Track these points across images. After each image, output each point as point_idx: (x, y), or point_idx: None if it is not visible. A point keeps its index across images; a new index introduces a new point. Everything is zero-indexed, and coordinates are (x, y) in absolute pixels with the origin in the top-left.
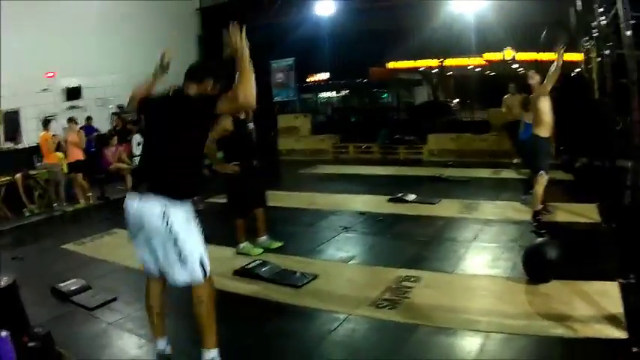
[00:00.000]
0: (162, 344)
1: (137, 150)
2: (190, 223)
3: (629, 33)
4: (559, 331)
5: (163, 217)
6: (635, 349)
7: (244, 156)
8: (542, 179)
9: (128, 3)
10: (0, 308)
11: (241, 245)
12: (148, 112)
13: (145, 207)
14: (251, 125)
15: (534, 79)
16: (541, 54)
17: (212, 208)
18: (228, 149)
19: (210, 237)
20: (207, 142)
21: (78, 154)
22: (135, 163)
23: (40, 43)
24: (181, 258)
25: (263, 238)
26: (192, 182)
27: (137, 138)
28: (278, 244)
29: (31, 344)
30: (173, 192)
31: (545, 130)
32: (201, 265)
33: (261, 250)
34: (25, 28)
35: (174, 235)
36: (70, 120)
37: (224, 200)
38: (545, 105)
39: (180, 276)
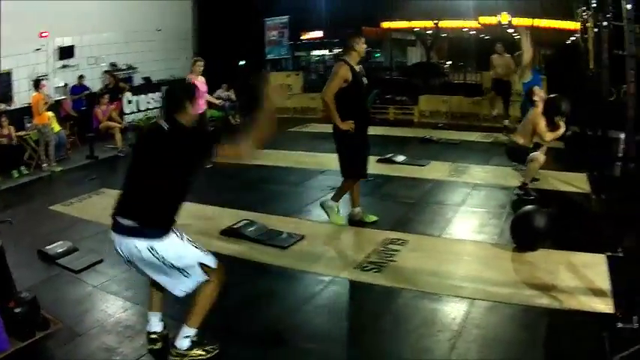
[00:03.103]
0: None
1: (128, 108)
2: (178, 241)
3: (629, 6)
4: (544, 301)
5: (152, 253)
6: (620, 325)
7: (361, 115)
8: (541, 158)
9: None
10: None
11: (356, 210)
12: (139, 143)
13: (131, 245)
14: (365, 80)
15: (538, 95)
16: (537, 20)
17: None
18: (345, 104)
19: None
20: (327, 92)
21: None
22: (125, 121)
23: (35, 4)
24: (185, 274)
25: (358, 209)
26: (171, 217)
27: (128, 96)
28: (374, 219)
29: (17, 310)
30: (155, 231)
31: (530, 142)
32: (202, 266)
33: (344, 221)
34: None
35: (170, 261)
36: None
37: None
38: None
39: (185, 287)
